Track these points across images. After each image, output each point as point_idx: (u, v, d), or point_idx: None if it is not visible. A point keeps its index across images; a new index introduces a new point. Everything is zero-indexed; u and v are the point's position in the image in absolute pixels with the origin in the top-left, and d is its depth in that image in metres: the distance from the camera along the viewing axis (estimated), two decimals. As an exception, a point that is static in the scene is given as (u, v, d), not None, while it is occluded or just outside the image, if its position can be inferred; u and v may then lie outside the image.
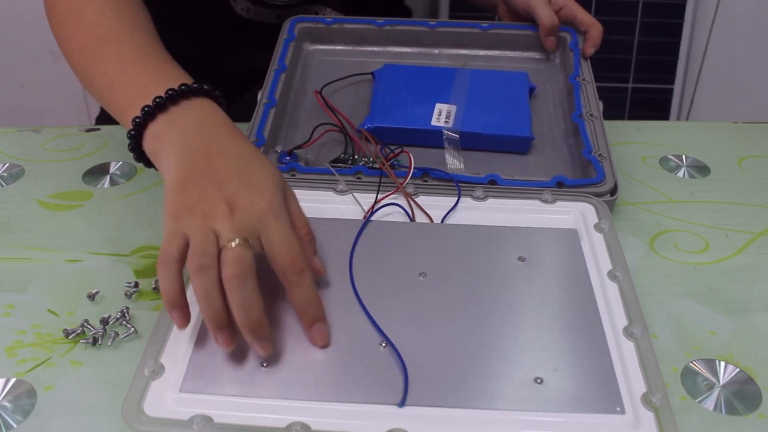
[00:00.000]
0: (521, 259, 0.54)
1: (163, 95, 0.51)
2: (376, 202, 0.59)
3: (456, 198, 0.59)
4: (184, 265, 0.45)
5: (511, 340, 0.48)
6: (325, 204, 0.59)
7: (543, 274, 0.53)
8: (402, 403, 0.44)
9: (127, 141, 0.52)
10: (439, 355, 0.47)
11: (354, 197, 0.59)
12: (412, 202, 0.59)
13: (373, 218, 0.57)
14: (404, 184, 0.60)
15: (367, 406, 0.44)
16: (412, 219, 0.58)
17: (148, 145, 0.51)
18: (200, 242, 0.44)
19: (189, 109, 0.51)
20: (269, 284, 0.48)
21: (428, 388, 0.45)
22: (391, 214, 0.59)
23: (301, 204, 0.59)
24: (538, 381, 0.45)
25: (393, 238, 0.56)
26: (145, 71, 0.55)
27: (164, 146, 0.50)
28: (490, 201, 0.59)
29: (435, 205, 0.59)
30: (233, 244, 0.44)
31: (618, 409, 0.44)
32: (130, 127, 0.51)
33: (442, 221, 0.58)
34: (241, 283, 0.43)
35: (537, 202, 0.59)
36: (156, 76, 0.54)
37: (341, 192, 0.60)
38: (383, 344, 0.47)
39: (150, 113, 0.51)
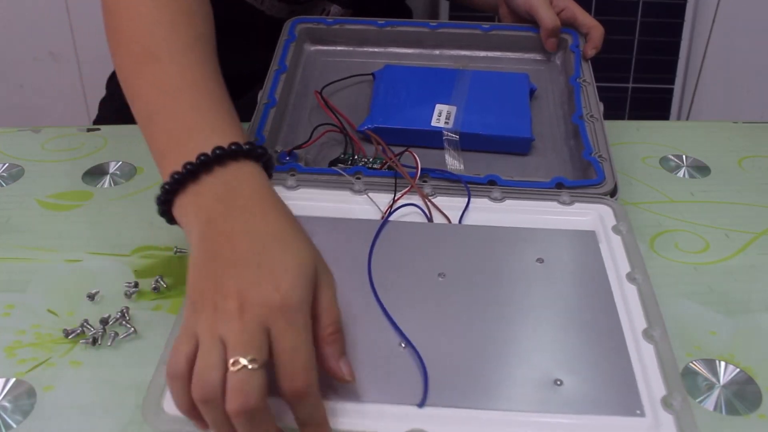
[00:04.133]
0: (540, 260, 0.54)
1: (194, 161, 0.45)
2: (393, 201, 0.59)
3: (466, 199, 0.59)
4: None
5: (531, 342, 0.48)
6: (339, 204, 0.59)
7: (562, 276, 0.53)
8: (422, 404, 0.44)
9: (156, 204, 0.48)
10: (458, 356, 0.47)
11: (369, 197, 0.59)
12: (429, 203, 0.59)
13: (390, 218, 0.57)
14: (415, 182, 0.60)
15: (386, 407, 0.44)
16: (430, 219, 0.58)
17: (176, 212, 0.47)
18: (204, 365, 0.39)
19: (221, 179, 0.45)
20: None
21: (448, 388, 0.45)
22: (409, 214, 0.59)
23: (315, 203, 0.58)
24: (558, 383, 0.45)
25: (411, 239, 0.56)
26: (184, 113, 0.50)
27: (190, 219, 0.45)
28: (508, 202, 0.59)
29: (448, 205, 0.59)
30: (238, 367, 0.38)
31: (638, 411, 0.44)
32: (163, 181, 0.47)
33: (459, 222, 0.58)
34: (247, 420, 0.38)
35: (555, 203, 0.59)
36: (195, 125, 0.49)
37: (358, 192, 0.60)
38: (403, 345, 0.47)
39: (180, 181, 0.46)
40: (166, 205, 0.47)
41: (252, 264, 0.41)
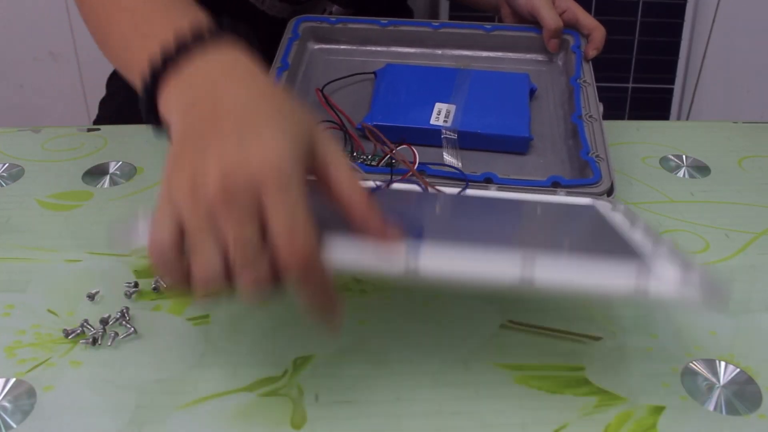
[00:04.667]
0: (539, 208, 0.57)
1: (173, 49, 0.43)
2: (391, 180, 0.59)
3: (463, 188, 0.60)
4: (178, 250, 0.38)
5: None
6: None
7: (559, 212, 0.56)
8: (417, 242, 0.41)
9: (142, 110, 0.45)
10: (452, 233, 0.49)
11: (373, 183, 0.59)
12: (427, 185, 0.59)
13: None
14: (414, 169, 0.60)
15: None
16: None
17: (162, 109, 0.44)
18: (201, 264, 0.38)
19: (202, 59, 0.43)
20: None
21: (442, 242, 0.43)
22: None
23: None
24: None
25: (409, 200, 0.56)
26: (158, 22, 0.47)
27: (172, 103, 0.43)
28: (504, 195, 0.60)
29: None
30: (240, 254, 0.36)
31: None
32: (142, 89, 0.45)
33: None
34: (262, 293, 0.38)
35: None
36: (169, 26, 0.46)
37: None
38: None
39: (159, 71, 0.44)
40: (151, 102, 0.44)
41: (235, 131, 0.38)
